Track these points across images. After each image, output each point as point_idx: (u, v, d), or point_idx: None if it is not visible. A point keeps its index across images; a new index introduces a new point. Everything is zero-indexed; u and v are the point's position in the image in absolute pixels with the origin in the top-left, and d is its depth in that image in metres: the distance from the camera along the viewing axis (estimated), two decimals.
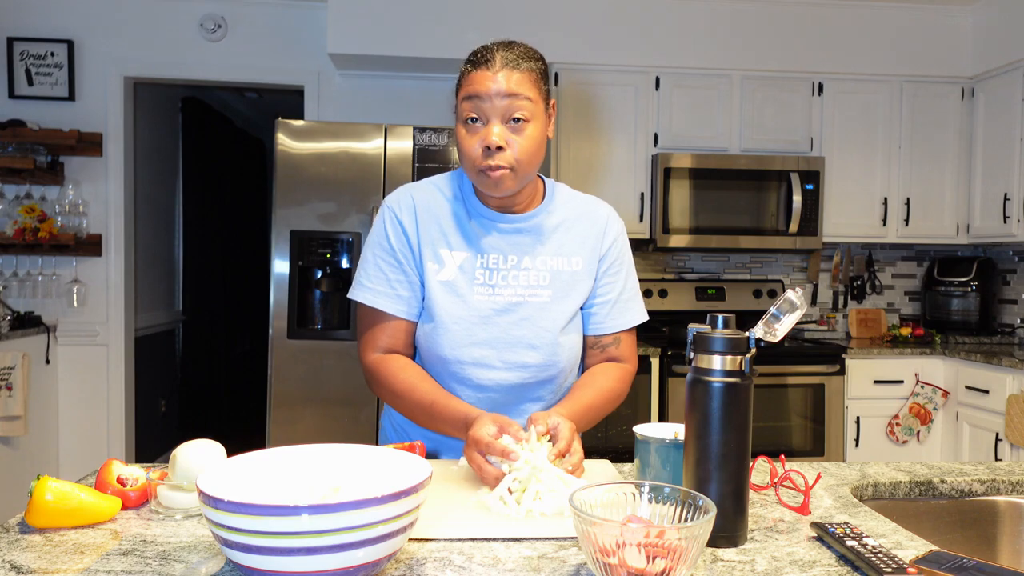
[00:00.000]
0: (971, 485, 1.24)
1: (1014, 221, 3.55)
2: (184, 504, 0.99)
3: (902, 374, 3.57)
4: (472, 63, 1.25)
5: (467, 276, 1.31)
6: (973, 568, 0.81)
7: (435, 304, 1.30)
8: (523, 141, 1.23)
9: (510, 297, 1.31)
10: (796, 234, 3.69)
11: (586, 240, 1.37)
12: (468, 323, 1.30)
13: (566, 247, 1.36)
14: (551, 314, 1.32)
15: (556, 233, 1.36)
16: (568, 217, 1.38)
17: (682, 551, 0.74)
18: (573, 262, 1.36)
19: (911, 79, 3.84)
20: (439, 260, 1.32)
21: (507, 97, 1.21)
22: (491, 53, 1.23)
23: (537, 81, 1.25)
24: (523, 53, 1.25)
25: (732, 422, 0.92)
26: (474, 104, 1.22)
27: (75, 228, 3.73)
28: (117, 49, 3.78)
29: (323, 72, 3.89)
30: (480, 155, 1.22)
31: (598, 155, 3.70)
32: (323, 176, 2.95)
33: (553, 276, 1.34)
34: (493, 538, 0.92)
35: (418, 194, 1.35)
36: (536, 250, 1.34)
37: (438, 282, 1.31)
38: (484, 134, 1.22)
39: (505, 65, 1.22)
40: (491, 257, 1.32)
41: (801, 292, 0.94)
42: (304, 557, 0.71)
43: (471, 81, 1.23)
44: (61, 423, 3.82)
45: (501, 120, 1.22)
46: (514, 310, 1.31)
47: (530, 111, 1.23)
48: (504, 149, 1.22)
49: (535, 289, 1.32)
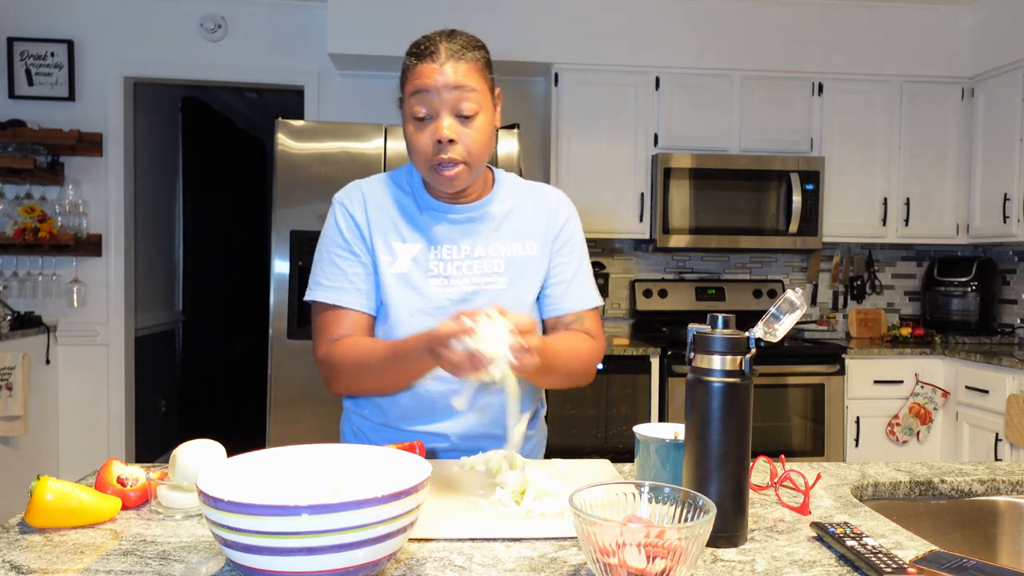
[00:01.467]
0: (971, 485, 1.24)
1: (1014, 221, 3.55)
2: (184, 504, 0.99)
3: (902, 374, 3.57)
4: (416, 56, 1.21)
5: (421, 268, 1.29)
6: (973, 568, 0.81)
7: (391, 297, 1.29)
8: (474, 133, 1.21)
9: (466, 287, 1.29)
10: (796, 234, 3.69)
11: (537, 224, 1.35)
12: (425, 315, 1.28)
13: (520, 232, 1.34)
14: (508, 301, 1.28)
15: (508, 219, 1.34)
16: (519, 203, 1.36)
17: (682, 551, 0.74)
18: (527, 247, 1.34)
19: (911, 79, 3.84)
20: (392, 252, 1.30)
21: (455, 89, 1.18)
22: (435, 44, 1.20)
23: (482, 71, 1.23)
24: (467, 43, 1.22)
25: (732, 422, 0.92)
26: (421, 98, 1.19)
27: (75, 228, 3.73)
28: (117, 49, 3.78)
29: (323, 72, 3.89)
30: (432, 150, 1.20)
31: (598, 155, 3.69)
32: (323, 176, 2.95)
33: (508, 262, 1.32)
34: (493, 538, 0.92)
35: (368, 188, 1.34)
36: (489, 237, 1.32)
37: (392, 275, 1.29)
38: (434, 128, 1.19)
39: (451, 56, 1.19)
40: (444, 248, 1.30)
41: (801, 292, 0.94)
42: (304, 557, 0.71)
43: (417, 75, 1.20)
44: (61, 423, 3.82)
45: (450, 113, 1.19)
46: (471, 299, 1.29)
47: (478, 102, 1.21)
48: (456, 142, 1.19)
49: (490, 277, 1.30)
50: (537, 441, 1.48)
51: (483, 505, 1.02)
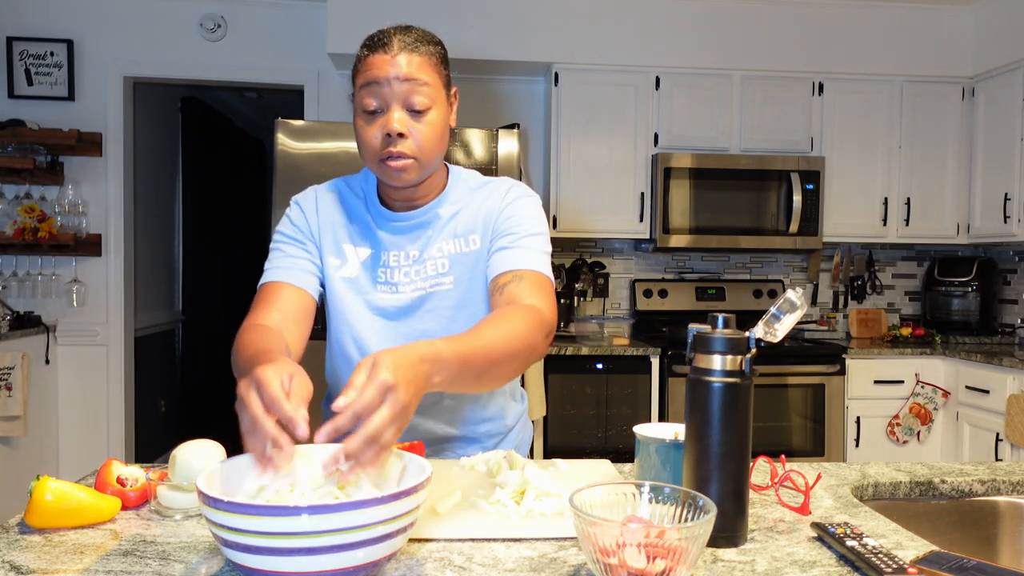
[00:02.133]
0: (971, 485, 1.24)
1: (1014, 221, 3.55)
2: (184, 504, 0.99)
3: (902, 374, 3.57)
4: (368, 47, 1.18)
5: (369, 275, 1.28)
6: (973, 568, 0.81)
7: (340, 302, 1.28)
8: (425, 128, 1.17)
9: (412, 293, 1.27)
10: (796, 234, 3.69)
11: (479, 215, 1.28)
12: (372, 322, 1.27)
13: (460, 227, 1.28)
14: (456, 301, 1.27)
15: (453, 218, 1.29)
16: (468, 201, 1.30)
17: (682, 551, 0.73)
18: (470, 240, 1.28)
19: (911, 79, 3.84)
20: (341, 255, 1.28)
21: (406, 81, 1.14)
22: (388, 36, 1.17)
23: (437, 65, 1.19)
24: (421, 36, 1.19)
25: (732, 422, 0.92)
26: (372, 90, 1.16)
27: (75, 228, 3.73)
28: (117, 49, 3.78)
29: (323, 72, 3.89)
30: (380, 144, 1.16)
31: (598, 155, 3.69)
32: (323, 176, 2.93)
33: (452, 261, 1.27)
34: (493, 538, 0.92)
35: (322, 191, 1.33)
36: (433, 240, 1.28)
37: (340, 279, 1.28)
38: (384, 121, 1.16)
39: (403, 48, 1.15)
40: (391, 255, 1.28)
41: (801, 292, 0.94)
42: (304, 557, 0.70)
43: (368, 66, 1.16)
44: (61, 423, 3.82)
45: (401, 106, 1.16)
46: (419, 305, 1.27)
47: (431, 97, 1.17)
48: (406, 137, 1.16)
49: (435, 279, 1.27)
50: (521, 440, 1.46)
51: (483, 505, 1.02)
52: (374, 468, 0.80)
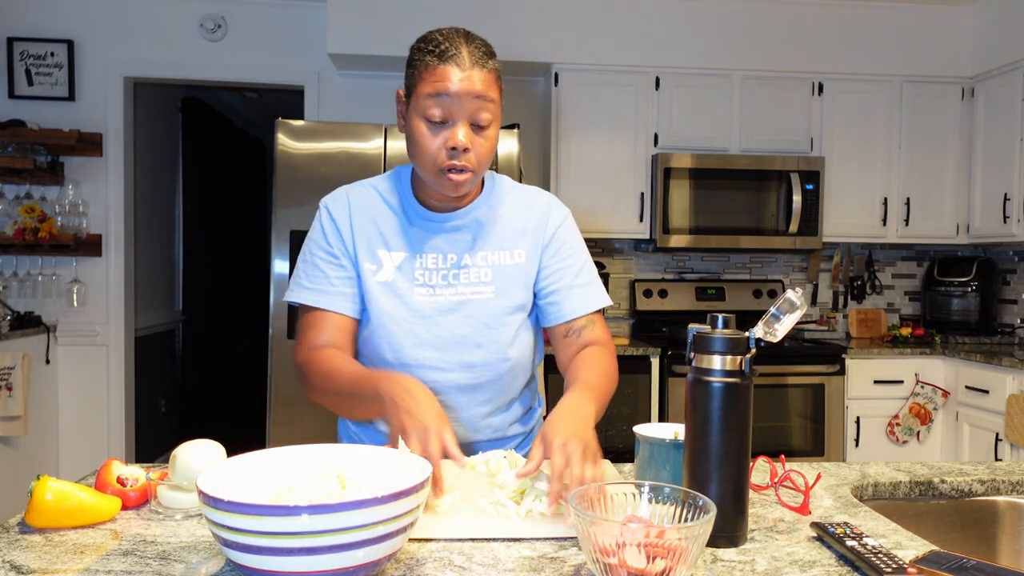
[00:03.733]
0: (971, 485, 1.24)
1: (1014, 221, 3.55)
2: (184, 504, 0.99)
3: (902, 374, 3.57)
4: (437, 56, 1.17)
5: (406, 277, 1.28)
6: (973, 568, 0.81)
7: (375, 305, 1.27)
8: (485, 143, 1.20)
9: (452, 296, 1.27)
10: (796, 234, 3.69)
11: (527, 229, 1.32)
12: (409, 324, 1.27)
13: (507, 239, 1.31)
14: (495, 310, 1.28)
15: (496, 227, 1.31)
16: (507, 209, 1.33)
17: (682, 551, 0.74)
18: (516, 254, 1.31)
19: (911, 79, 3.84)
20: (376, 260, 1.28)
21: (476, 98, 1.16)
22: (457, 47, 1.17)
23: (498, 80, 1.21)
24: (487, 50, 1.20)
25: (732, 422, 0.92)
26: (441, 101, 1.16)
27: (75, 228, 3.73)
28: (117, 49, 3.78)
29: (323, 72, 3.89)
30: (444, 156, 1.17)
31: (598, 155, 3.69)
32: (323, 176, 2.95)
33: (495, 271, 1.29)
34: (493, 538, 0.92)
35: (353, 194, 1.33)
36: (476, 246, 1.29)
37: (376, 283, 1.27)
38: (450, 135, 1.17)
39: (475, 64, 1.16)
40: (429, 257, 1.28)
41: (801, 292, 0.94)
42: (304, 557, 0.71)
43: (439, 76, 1.16)
44: (61, 423, 3.82)
45: (467, 122, 1.17)
46: (457, 309, 1.27)
47: (493, 114, 1.19)
48: (469, 151, 1.18)
49: (477, 287, 1.28)
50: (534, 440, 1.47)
51: (483, 505, 1.02)
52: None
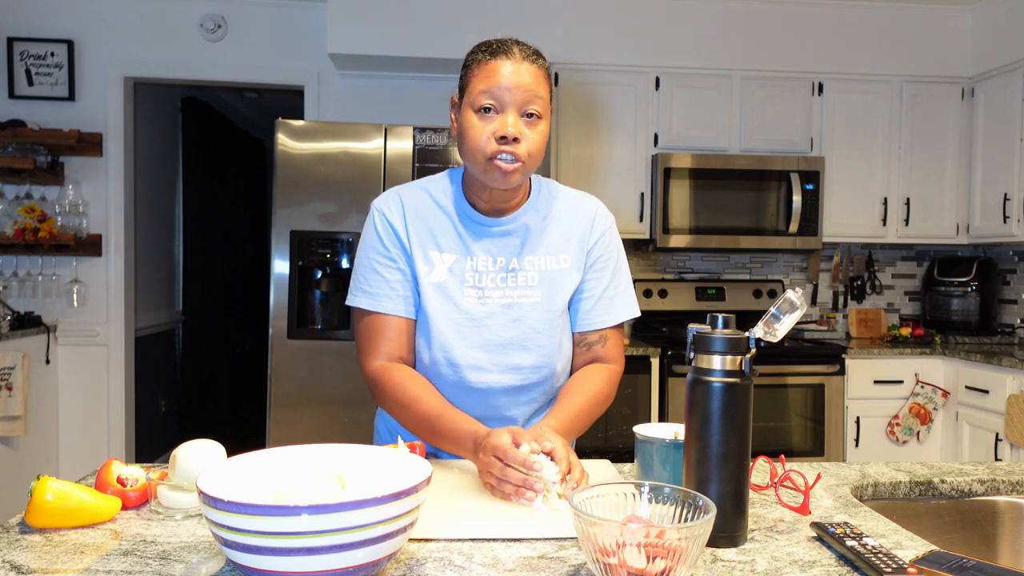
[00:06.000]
0: (971, 485, 1.24)
1: (1014, 221, 3.55)
2: (184, 504, 0.99)
3: (902, 374, 3.57)
4: (489, 52, 1.22)
5: (457, 279, 1.30)
6: (973, 568, 0.81)
7: (427, 306, 1.29)
8: (536, 137, 1.22)
9: (500, 300, 1.30)
10: (796, 234, 3.69)
11: (573, 235, 1.35)
12: (459, 326, 1.29)
13: (554, 245, 1.33)
14: (542, 315, 1.31)
15: (544, 231, 1.33)
16: (555, 214, 1.35)
17: (682, 551, 0.74)
18: (562, 259, 1.33)
19: (911, 79, 3.84)
20: (429, 262, 1.30)
21: (526, 91, 1.20)
22: (508, 45, 1.22)
23: (547, 79, 1.25)
24: (536, 50, 1.25)
25: (732, 422, 0.92)
26: (491, 93, 1.20)
27: (75, 228, 3.73)
28: (117, 49, 3.78)
29: (323, 72, 3.89)
30: (493, 143, 1.20)
31: (598, 155, 3.69)
32: (323, 176, 2.95)
33: (542, 276, 1.32)
34: (493, 538, 0.92)
35: (407, 196, 1.34)
36: (524, 250, 1.32)
37: (429, 284, 1.29)
38: (499, 123, 1.20)
39: (525, 58, 1.21)
40: (480, 260, 1.30)
41: (801, 292, 0.94)
42: (304, 557, 0.71)
43: (491, 71, 1.20)
44: (61, 423, 3.82)
45: (518, 113, 1.20)
46: (505, 312, 1.30)
47: (543, 108, 1.23)
48: (519, 140, 1.20)
49: (525, 290, 1.31)
50: None
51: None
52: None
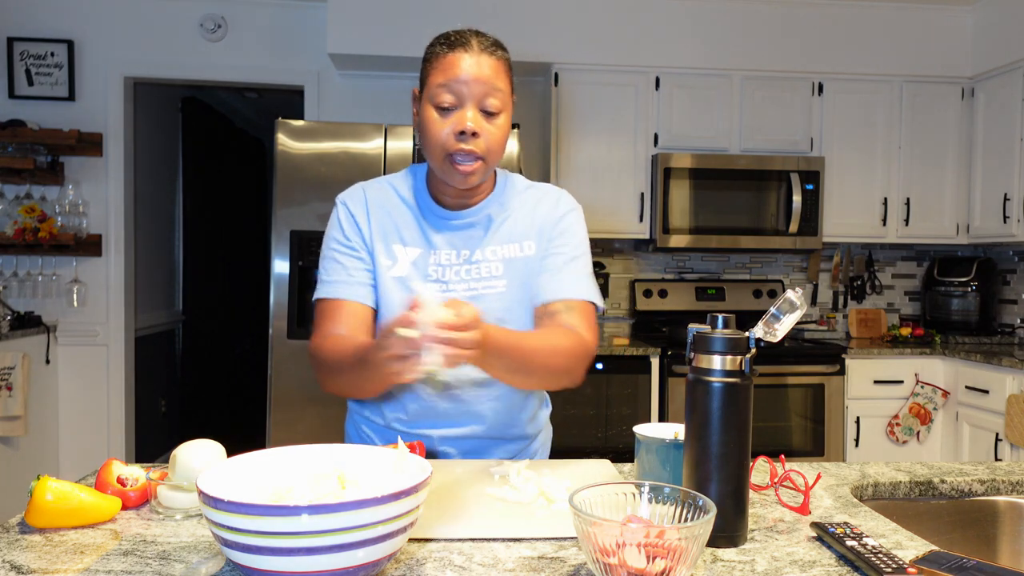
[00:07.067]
0: (971, 485, 1.24)
1: (1014, 221, 3.55)
2: (184, 504, 0.99)
3: (902, 374, 3.57)
4: (447, 45, 1.19)
5: (420, 272, 1.28)
6: (973, 568, 0.81)
7: (389, 301, 1.28)
8: (495, 131, 1.20)
9: (464, 292, 1.27)
10: (796, 234, 3.69)
11: (536, 222, 1.32)
12: None
13: (517, 232, 1.31)
14: (507, 304, 1.28)
15: (506, 221, 1.31)
16: (518, 203, 1.33)
17: (682, 551, 0.74)
18: (525, 247, 1.30)
19: (911, 79, 3.84)
20: (392, 256, 1.29)
21: (485, 83, 1.17)
22: (466, 37, 1.19)
23: (508, 71, 1.23)
24: (496, 41, 1.23)
25: (732, 422, 0.92)
26: (450, 87, 1.17)
27: (75, 228, 3.73)
28: (117, 49, 3.78)
29: (323, 72, 3.89)
30: (452, 140, 1.18)
31: (598, 155, 3.69)
32: (323, 176, 2.95)
33: (506, 265, 1.29)
34: (493, 538, 0.92)
35: (370, 190, 1.33)
36: (486, 241, 1.29)
37: (391, 278, 1.28)
38: (457, 118, 1.17)
39: (483, 50, 1.19)
40: (443, 253, 1.29)
41: (801, 292, 0.94)
42: (304, 557, 0.71)
43: (448, 64, 1.18)
44: (61, 423, 3.82)
45: (476, 107, 1.18)
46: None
47: (503, 101, 1.20)
48: (478, 135, 1.18)
49: (489, 281, 1.28)
50: (541, 442, 1.47)
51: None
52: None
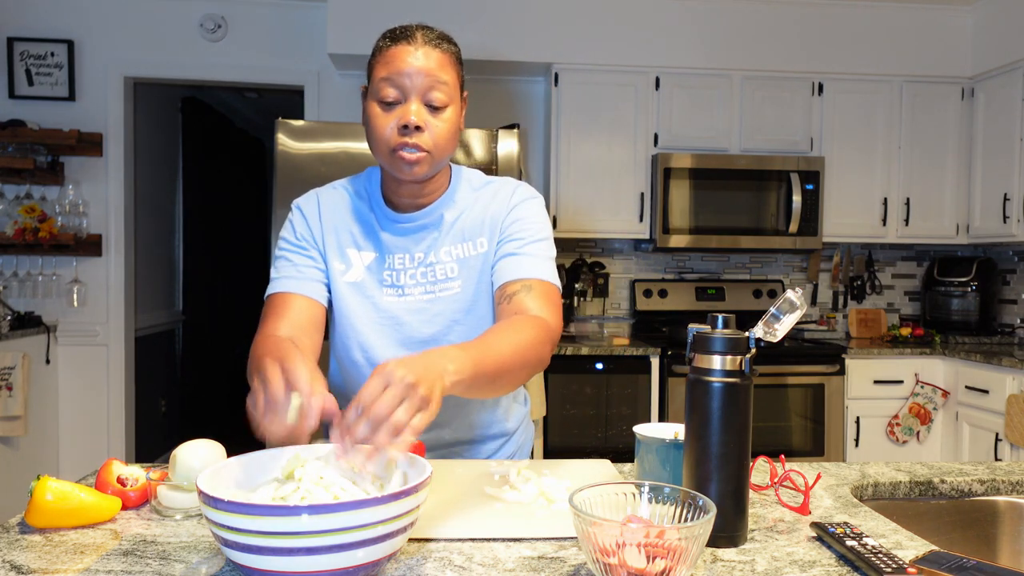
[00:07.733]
0: (971, 485, 1.24)
1: (1014, 221, 3.55)
2: (184, 504, 0.99)
3: (902, 374, 3.57)
4: (390, 39, 1.18)
5: (375, 278, 1.26)
6: (973, 568, 0.81)
7: (345, 307, 1.26)
8: (441, 125, 1.17)
9: (420, 296, 1.26)
10: (796, 234, 3.69)
11: (488, 216, 1.28)
12: (378, 325, 1.26)
13: (471, 230, 1.27)
14: (462, 305, 1.26)
15: (460, 220, 1.28)
16: (472, 201, 1.29)
17: (682, 551, 0.74)
18: (479, 244, 1.27)
19: (911, 79, 3.84)
20: (346, 260, 1.27)
21: (428, 76, 1.15)
22: (411, 30, 1.18)
23: (455, 64, 1.20)
24: (442, 34, 1.20)
25: (732, 422, 0.92)
26: (392, 81, 1.15)
27: (75, 228, 3.73)
28: (117, 49, 3.78)
29: (323, 72, 3.89)
30: (396, 134, 1.15)
31: (598, 155, 3.69)
32: (323, 176, 2.95)
33: (461, 265, 1.26)
34: (493, 538, 0.92)
35: (324, 195, 1.31)
36: (440, 242, 1.27)
37: (345, 283, 1.26)
38: (401, 112, 1.15)
39: (427, 43, 1.17)
40: (396, 257, 1.26)
41: (801, 292, 0.94)
42: (304, 557, 0.71)
43: (390, 57, 1.16)
44: (61, 423, 3.82)
45: (420, 100, 1.16)
46: (426, 309, 1.26)
47: (448, 95, 1.18)
48: (422, 130, 1.15)
49: (444, 283, 1.26)
50: (523, 442, 1.45)
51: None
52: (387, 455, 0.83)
